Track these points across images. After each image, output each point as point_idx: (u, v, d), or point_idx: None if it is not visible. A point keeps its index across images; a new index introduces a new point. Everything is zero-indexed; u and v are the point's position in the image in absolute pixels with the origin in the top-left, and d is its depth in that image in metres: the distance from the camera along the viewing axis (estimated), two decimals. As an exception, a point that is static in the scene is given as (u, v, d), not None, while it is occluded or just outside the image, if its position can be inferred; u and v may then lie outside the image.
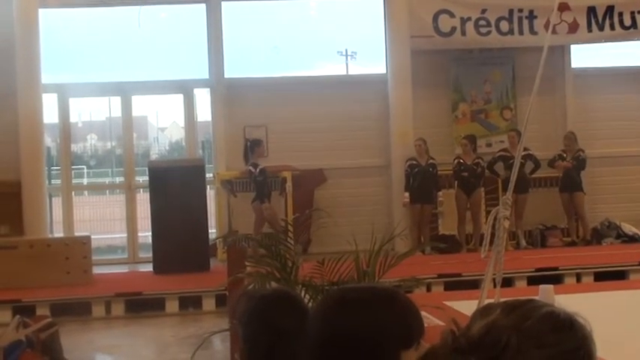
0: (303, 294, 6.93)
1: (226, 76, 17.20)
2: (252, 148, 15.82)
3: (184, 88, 17.37)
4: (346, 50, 18.77)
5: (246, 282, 7.82)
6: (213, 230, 16.54)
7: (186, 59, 17.54)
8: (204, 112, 17.77)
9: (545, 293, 8.21)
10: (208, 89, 17.44)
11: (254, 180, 15.67)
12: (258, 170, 15.59)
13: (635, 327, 9.88)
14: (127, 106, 17.23)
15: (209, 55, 17.18)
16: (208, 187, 16.39)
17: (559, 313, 1.70)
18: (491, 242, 7.15)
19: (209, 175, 16.74)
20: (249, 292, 3.87)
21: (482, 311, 1.72)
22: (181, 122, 18.37)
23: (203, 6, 17.18)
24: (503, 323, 1.66)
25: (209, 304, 12.95)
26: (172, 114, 20.83)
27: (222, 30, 17.14)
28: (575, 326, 1.69)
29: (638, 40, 18.07)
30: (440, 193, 16.60)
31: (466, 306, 1.49)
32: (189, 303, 13.16)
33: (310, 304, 7.05)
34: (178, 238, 14.53)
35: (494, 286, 7.16)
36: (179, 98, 17.53)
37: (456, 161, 16.65)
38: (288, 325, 3.13)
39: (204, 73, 17.30)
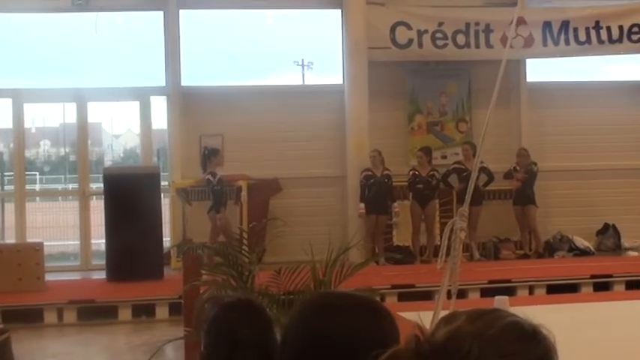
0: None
1: (183, 84, 17.13)
2: (210, 157, 15.79)
3: (140, 96, 17.27)
4: (303, 60, 18.78)
5: (202, 290, 7.81)
6: (168, 239, 16.44)
7: (143, 66, 17.45)
8: (160, 119, 17.68)
9: (500, 304, 8.27)
10: (165, 97, 17.35)
11: (211, 189, 15.61)
12: (216, 179, 15.55)
13: (586, 340, 9.98)
14: (82, 113, 17.09)
15: (166, 62, 17.11)
16: (163, 195, 16.30)
17: (523, 323, 1.68)
18: (447, 253, 7.20)
19: (164, 184, 16.65)
20: (213, 298, 3.86)
21: (448, 318, 1.72)
22: (136, 130, 18.26)
23: (161, 13, 17.11)
24: (467, 330, 1.64)
25: (162, 312, 12.89)
26: (127, 121, 20.69)
27: (180, 38, 17.08)
28: (539, 337, 1.67)
29: (592, 55, 18.27)
30: (395, 204, 16.66)
31: (419, 317, 1.51)
32: (143, 311, 13.08)
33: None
34: (132, 245, 14.42)
35: (449, 297, 7.21)
36: (135, 105, 17.43)
37: (411, 173, 16.72)
38: (247, 335, 3.12)
39: (160, 81, 17.22)
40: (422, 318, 1.78)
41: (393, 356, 1.67)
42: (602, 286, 14.34)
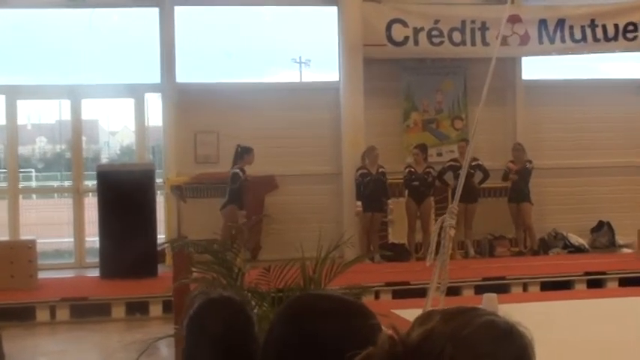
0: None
1: (178, 80, 17.10)
2: (242, 154, 15.91)
3: (135, 93, 17.25)
4: (300, 58, 18.77)
5: (192, 288, 7.80)
6: (162, 236, 16.43)
7: (138, 63, 17.44)
8: (155, 117, 17.67)
9: (488, 302, 8.27)
10: (160, 94, 17.33)
11: (240, 184, 15.59)
12: (245, 175, 15.64)
13: (579, 336, 9.99)
14: (76, 110, 17.08)
15: (161, 59, 17.08)
16: (158, 192, 16.29)
17: (499, 322, 1.66)
18: (437, 251, 7.19)
19: (159, 181, 16.64)
20: (200, 295, 3.84)
21: (423, 318, 1.70)
22: (132, 127, 18.24)
23: (156, 10, 17.08)
24: (441, 331, 1.63)
25: (156, 309, 12.87)
26: (123, 118, 20.67)
27: (175, 35, 17.05)
28: (515, 335, 1.66)
29: (587, 53, 18.26)
30: (390, 202, 16.66)
31: (413, 314, 1.50)
32: (136, 309, 13.06)
33: (256, 311, 7.06)
34: (126, 243, 14.39)
35: (441, 294, 7.19)
36: (130, 102, 17.41)
37: (407, 170, 16.71)
38: (221, 332, 3.10)
39: (155, 78, 17.19)
40: (414, 316, 1.76)
41: (366, 358, 1.66)
42: (595, 283, 14.35)
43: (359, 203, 16.32)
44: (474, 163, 16.49)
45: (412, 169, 16.69)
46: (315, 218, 16.44)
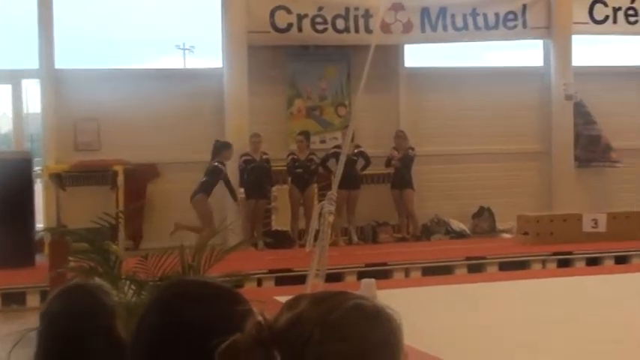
0: (127, 289, 6.84)
1: (57, 66, 16.72)
2: (220, 150, 15.85)
3: (13, 78, 16.82)
4: (184, 44, 18.60)
5: (68, 277, 7.65)
6: (41, 225, 16.07)
7: (16, 48, 17.00)
8: (34, 103, 17.27)
9: (366, 287, 8.31)
10: (38, 80, 16.91)
11: (219, 177, 15.64)
12: (225, 168, 15.75)
13: (459, 320, 10.13)
14: (-49, 96, 16.58)
15: (39, 44, 16.64)
16: (37, 180, 15.93)
17: (367, 305, 1.66)
18: (316, 237, 7.19)
19: (38, 169, 16.26)
20: (62, 287, 3.71)
21: (291, 303, 1.69)
22: (10, 114, 17.78)
23: (34, -6, 16.66)
24: (309, 315, 1.63)
25: (33, 300, 12.58)
26: (0, 105, 20.17)
27: (54, 19, 16.63)
28: (383, 318, 1.66)
29: (469, 41, 18.53)
30: (274, 189, 16.64)
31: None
32: (13, 299, 12.75)
33: (134, 299, 6.95)
34: (3, 232, 14.05)
35: (321, 280, 7.20)
36: (7, 89, 16.96)
37: (290, 157, 16.70)
38: (71, 321, 2.99)
39: (34, 64, 16.77)
40: None
41: (233, 344, 1.64)
42: (476, 267, 14.59)
43: (242, 190, 16.25)
44: (356, 150, 16.61)
45: (295, 157, 16.70)
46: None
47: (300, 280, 12.52)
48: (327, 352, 1.60)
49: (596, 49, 19.89)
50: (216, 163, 15.76)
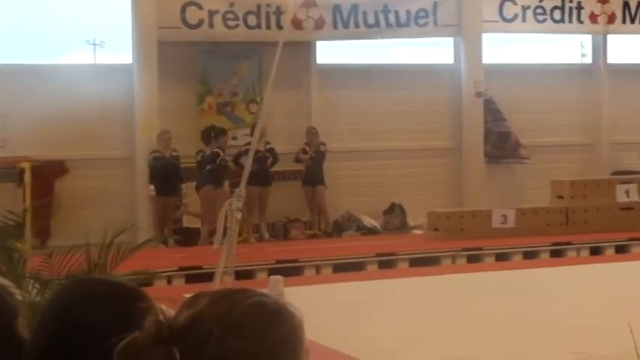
0: (31, 287, 6.71)
1: (-38, 61, 16.35)
2: (217, 136, 16.22)
3: None
4: (94, 39, 18.35)
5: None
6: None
7: None
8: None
9: (274, 284, 8.29)
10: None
11: (218, 163, 15.84)
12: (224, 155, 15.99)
13: (369, 316, 10.16)
14: None
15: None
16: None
17: (268, 302, 1.66)
18: (224, 234, 7.14)
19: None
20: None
21: (190, 301, 1.67)
22: None
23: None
24: (209, 313, 1.62)
25: None
26: None
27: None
28: (284, 315, 1.66)
29: (381, 38, 18.62)
30: (184, 186, 16.52)
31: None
32: None
33: (38, 298, 6.81)
34: None
35: (229, 277, 7.15)
36: None
37: (200, 155, 16.56)
38: None
39: (-63, 58, 16.38)
40: None
41: (131, 342, 1.62)
42: (387, 263, 14.67)
43: (152, 187, 16.12)
44: (267, 147, 16.60)
45: (205, 154, 16.57)
46: (109, 203, 16.15)
47: (211, 277, 12.45)
48: (226, 350, 1.59)
49: (515, 48, 20.18)
50: (216, 150, 16.05)
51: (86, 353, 2.02)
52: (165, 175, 16.12)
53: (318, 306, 10.24)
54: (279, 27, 17.34)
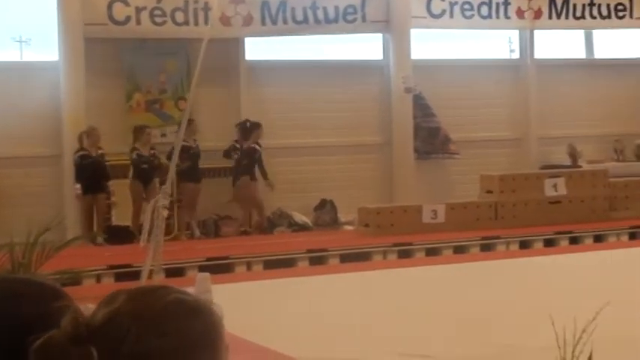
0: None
1: None
2: (252, 130, 16.96)
3: None
4: (20, 36, 18.09)
5: None
6: None
7: None
8: None
9: (201, 282, 8.22)
10: None
11: (254, 157, 16.38)
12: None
13: (299, 312, 10.12)
14: None
15: None
16: None
17: (187, 299, 1.65)
18: (150, 232, 7.06)
19: None
20: None
21: (108, 299, 1.65)
22: None
23: None
24: (127, 311, 1.60)
25: None
26: None
27: None
28: (204, 313, 1.66)
29: (309, 35, 18.62)
30: (110, 183, 16.36)
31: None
32: None
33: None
34: None
35: (157, 275, 7.06)
36: None
37: (135, 153, 16.37)
38: None
39: None
40: None
41: (48, 341, 1.58)
42: (318, 259, 14.65)
43: (78, 186, 15.96)
44: (196, 144, 16.52)
45: (140, 152, 16.42)
46: (36, 202, 15.92)
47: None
48: (144, 347, 1.57)
49: (444, 44, 20.29)
50: (253, 145, 16.39)
51: (2, 352, 1.96)
52: (92, 174, 15.95)
53: (249, 303, 10.20)
54: (207, 24, 17.23)
